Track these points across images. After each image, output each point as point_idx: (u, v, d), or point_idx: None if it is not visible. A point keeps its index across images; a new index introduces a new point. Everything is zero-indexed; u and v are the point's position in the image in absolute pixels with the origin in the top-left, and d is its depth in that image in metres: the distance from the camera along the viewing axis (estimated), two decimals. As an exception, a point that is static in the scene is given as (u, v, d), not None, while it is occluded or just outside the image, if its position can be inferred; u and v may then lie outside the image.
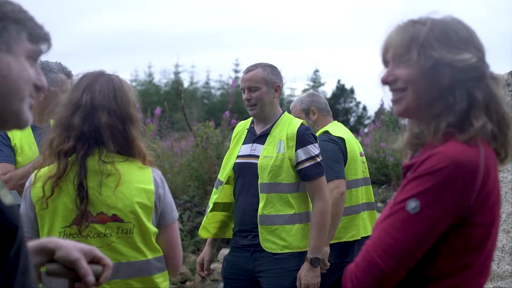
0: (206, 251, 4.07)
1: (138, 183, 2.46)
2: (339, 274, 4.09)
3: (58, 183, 2.44)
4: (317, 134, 4.42)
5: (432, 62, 1.75)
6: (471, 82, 1.75)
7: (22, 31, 1.47)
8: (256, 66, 3.90)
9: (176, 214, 2.57)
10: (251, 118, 4.01)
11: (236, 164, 3.90)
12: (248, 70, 3.90)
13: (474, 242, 1.73)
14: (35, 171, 2.55)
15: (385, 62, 1.87)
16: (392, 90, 1.83)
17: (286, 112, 3.96)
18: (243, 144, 3.94)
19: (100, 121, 2.44)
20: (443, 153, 1.68)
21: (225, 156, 4.04)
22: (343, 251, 4.46)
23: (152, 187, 2.48)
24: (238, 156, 3.91)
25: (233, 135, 4.10)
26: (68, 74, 3.85)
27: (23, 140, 3.81)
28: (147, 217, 2.45)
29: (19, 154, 3.76)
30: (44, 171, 2.50)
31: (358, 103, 41.42)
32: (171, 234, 2.54)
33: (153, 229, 2.47)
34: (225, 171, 3.95)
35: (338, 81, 40.95)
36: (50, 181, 2.44)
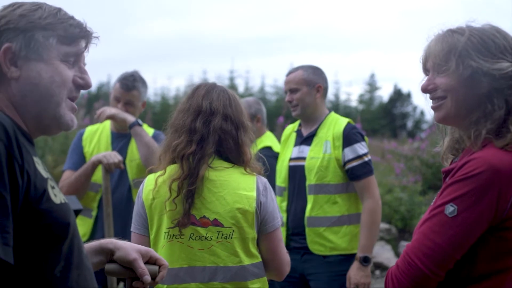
0: None
1: (240, 189, 2.54)
2: None
3: (172, 185, 2.54)
4: (257, 144, 4.43)
5: (470, 71, 1.80)
6: (508, 89, 1.80)
7: (51, 37, 1.54)
8: (297, 68, 3.95)
9: (278, 222, 2.61)
10: (299, 120, 4.05)
11: (289, 167, 3.93)
12: (290, 72, 3.96)
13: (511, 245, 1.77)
14: (150, 174, 2.66)
15: (426, 71, 1.94)
16: (432, 98, 1.90)
17: (332, 112, 3.97)
18: (293, 146, 3.97)
19: (217, 126, 2.57)
20: (480, 158, 1.73)
21: (278, 162, 4.07)
22: None
23: (254, 194, 2.54)
24: (290, 159, 3.94)
25: (282, 139, 4.14)
26: None
27: (96, 147, 3.97)
28: (247, 222, 2.52)
29: None
30: (161, 173, 2.60)
31: (415, 108, 40.75)
32: (271, 241, 2.59)
33: (252, 234, 2.54)
34: (281, 176, 3.99)
35: (395, 85, 40.40)
36: (175, 182, 2.53)
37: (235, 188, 2.53)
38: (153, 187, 2.57)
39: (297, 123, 4.10)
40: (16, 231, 1.35)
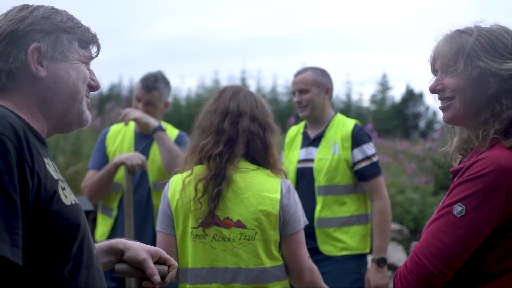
0: None
1: (264, 191, 2.56)
2: None
3: (198, 185, 2.56)
4: None
5: (478, 71, 1.81)
6: None
7: (73, 40, 1.62)
8: (306, 69, 3.98)
9: (299, 225, 2.61)
10: (304, 122, 4.06)
11: (296, 169, 3.94)
12: (298, 73, 3.98)
13: None
14: (175, 175, 2.67)
15: (434, 71, 1.94)
16: (440, 98, 1.91)
17: (338, 114, 4.00)
18: (300, 148, 3.98)
19: (245, 127, 2.60)
20: (488, 158, 1.74)
21: (284, 164, 4.05)
22: None
23: (278, 196, 2.56)
24: (298, 161, 3.94)
25: (286, 140, 4.14)
26: None
27: (119, 147, 3.97)
28: (270, 224, 2.54)
29: None
30: (188, 173, 2.61)
31: (427, 108, 40.51)
32: (291, 243, 2.59)
33: (275, 236, 2.55)
34: (288, 178, 3.96)
35: (407, 85, 40.18)
36: (201, 182, 2.55)
37: (259, 190, 2.55)
38: (180, 187, 2.58)
39: (301, 124, 4.11)
40: (25, 233, 1.37)
